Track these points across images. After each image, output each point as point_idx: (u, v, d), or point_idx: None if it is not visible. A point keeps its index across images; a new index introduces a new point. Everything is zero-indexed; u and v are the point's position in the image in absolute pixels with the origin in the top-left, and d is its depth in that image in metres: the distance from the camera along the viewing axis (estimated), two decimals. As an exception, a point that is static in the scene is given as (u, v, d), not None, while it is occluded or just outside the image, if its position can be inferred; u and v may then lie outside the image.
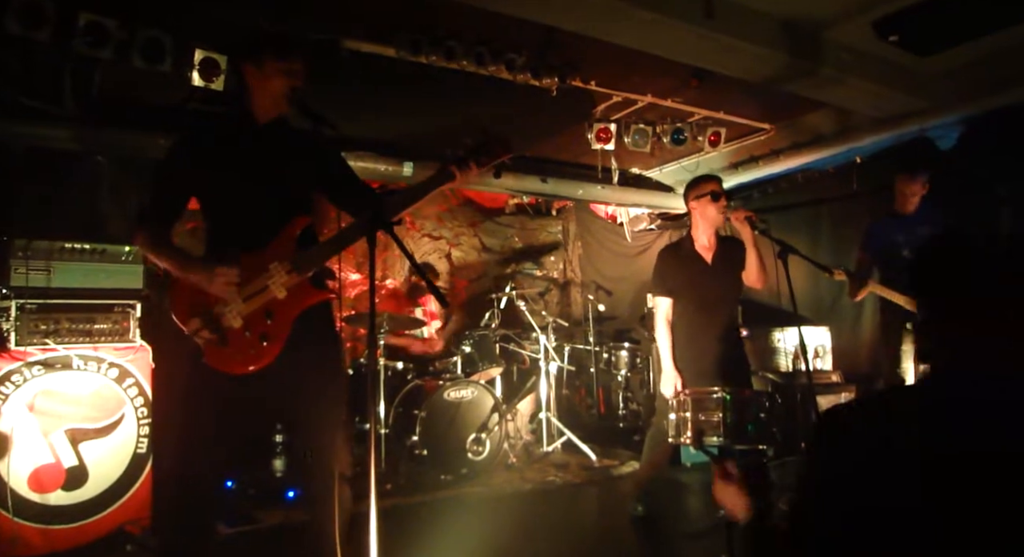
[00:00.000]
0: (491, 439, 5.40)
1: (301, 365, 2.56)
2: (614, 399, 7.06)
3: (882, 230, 4.86)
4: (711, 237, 4.09)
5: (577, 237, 8.94)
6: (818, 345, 6.46)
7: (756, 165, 6.68)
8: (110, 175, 5.02)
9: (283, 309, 2.50)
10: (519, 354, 6.84)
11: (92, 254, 3.99)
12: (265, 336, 2.49)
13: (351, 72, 4.32)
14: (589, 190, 6.91)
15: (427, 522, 4.36)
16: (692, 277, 4.03)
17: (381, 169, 5.77)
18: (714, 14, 4.03)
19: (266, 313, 2.50)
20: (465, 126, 5.66)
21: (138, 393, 3.97)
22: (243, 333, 2.48)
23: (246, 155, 2.59)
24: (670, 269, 4.09)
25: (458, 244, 8.03)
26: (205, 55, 4.06)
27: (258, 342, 2.48)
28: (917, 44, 4.76)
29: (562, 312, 8.41)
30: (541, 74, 4.60)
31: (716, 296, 4.01)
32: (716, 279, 4.03)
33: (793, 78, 4.81)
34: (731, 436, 3.08)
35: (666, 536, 4.14)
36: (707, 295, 4.00)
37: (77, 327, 3.87)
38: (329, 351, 2.73)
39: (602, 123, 5.59)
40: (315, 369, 2.62)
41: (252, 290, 2.48)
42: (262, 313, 2.49)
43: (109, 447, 3.86)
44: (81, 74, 4.37)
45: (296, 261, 2.51)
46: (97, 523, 3.76)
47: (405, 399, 5.37)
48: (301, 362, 2.55)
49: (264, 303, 2.49)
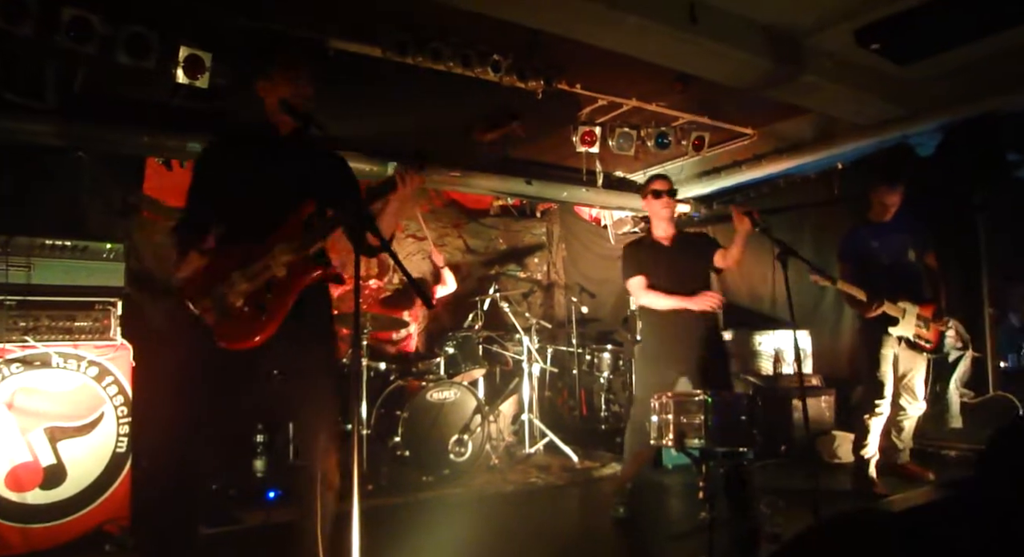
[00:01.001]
0: (473, 440, 5.40)
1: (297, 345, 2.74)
2: (596, 401, 7.08)
3: (859, 238, 4.91)
4: (667, 230, 4.31)
5: (561, 239, 8.97)
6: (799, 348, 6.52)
7: (739, 170, 6.73)
8: (92, 171, 4.98)
9: (283, 286, 2.70)
10: (502, 355, 6.84)
11: (73, 251, 3.94)
12: (265, 309, 2.67)
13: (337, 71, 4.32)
14: (573, 193, 6.93)
15: (409, 523, 4.36)
16: (655, 260, 4.25)
17: (365, 169, 5.75)
18: (698, 19, 4.06)
19: (267, 288, 2.69)
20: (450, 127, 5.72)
21: (118, 392, 3.94)
22: (244, 308, 2.66)
23: (268, 164, 2.82)
24: (636, 255, 4.34)
25: (442, 245, 8.03)
26: (190, 52, 4.03)
27: (259, 316, 2.66)
28: (898, 53, 4.82)
29: (545, 314, 8.42)
30: (527, 77, 4.62)
31: (679, 277, 4.18)
32: (678, 261, 4.22)
33: (776, 84, 4.85)
34: (713, 438, 3.10)
35: (647, 538, 4.16)
36: (671, 275, 4.19)
37: (57, 324, 3.83)
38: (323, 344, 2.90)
39: (587, 126, 5.62)
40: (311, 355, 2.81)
41: (255, 270, 2.68)
42: (263, 289, 2.68)
43: (88, 446, 3.81)
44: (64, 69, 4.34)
45: (302, 241, 2.71)
46: (76, 522, 3.72)
47: (387, 400, 5.36)
48: (298, 341, 2.73)
49: (265, 281, 2.68)
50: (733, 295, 7.72)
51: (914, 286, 4.77)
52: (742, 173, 6.74)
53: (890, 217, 4.84)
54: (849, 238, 4.98)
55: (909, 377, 4.83)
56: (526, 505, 4.97)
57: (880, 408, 4.73)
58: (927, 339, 4.71)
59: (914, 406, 4.89)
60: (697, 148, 5.95)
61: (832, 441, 5.74)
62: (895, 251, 4.79)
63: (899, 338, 4.68)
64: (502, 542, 4.01)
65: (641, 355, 4.47)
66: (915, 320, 4.66)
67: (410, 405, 5.14)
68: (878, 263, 4.77)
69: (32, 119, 4.47)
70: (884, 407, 4.75)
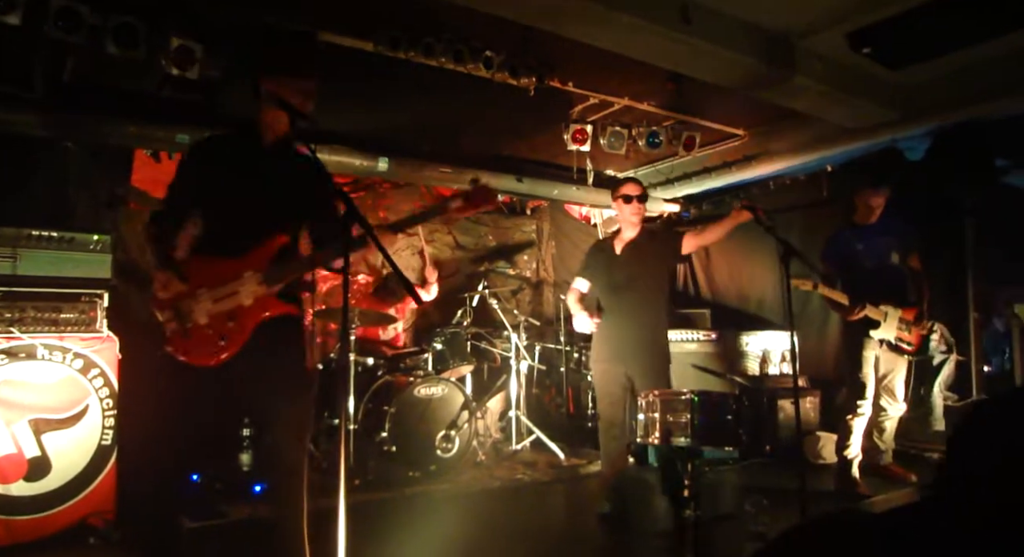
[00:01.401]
0: (460, 436, 5.40)
1: (260, 369, 2.72)
2: (583, 399, 7.09)
3: (843, 241, 4.93)
4: (631, 233, 4.50)
5: (551, 237, 8.97)
6: (785, 349, 6.56)
7: (729, 170, 6.75)
8: (80, 162, 4.95)
9: (247, 315, 2.68)
10: (490, 352, 6.85)
11: (60, 242, 3.92)
12: (224, 336, 2.66)
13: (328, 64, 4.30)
14: (564, 190, 6.94)
15: (395, 518, 4.36)
16: (602, 264, 4.54)
17: (356, 163, 5.74)
18: (691, 19, 4.07)
19: (230, 316, 2.67)
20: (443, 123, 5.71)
21: (103, 384, 3.92)
22: (206, 330, 2.65)
23: (247, 172, 2.79)
24: (589, 258, 4.70)
25: (432, 241, 8.01)
26: (181, 43, 4.00)
27: (217, 340, 2.65)
28: (889, 57, 4.85)
29: (534, 311, 8.42)
30: (519, 73, 4.62)
31: (622, 283, 4.40)
32: (622, 267, 4.43)
33: (767, 85, 4.86)
34: (699, 437, 3.12)
35: (633, 534, 4.17)
36: (613, 281, 4.44)
37: (43, 316, 3.81)
38: (289, 359, 2.84)
39: (579, 124, 5.62)
40: (274, 374, 2.76)
41: (223, 293, 2.67)
42: (227, 315, 2.67)
43: (73, 438, 3.80)
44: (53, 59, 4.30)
45: (267, 274, 2.69)
46: (60, 515, 3.70)
47: (375, 395, 5.36)
48: (260, 367, 2.71)
49: (231, 307, 2.67)
50: (721, 296, 7.75)
51: (897, 289, 4.80)
52: (732, 174, 6.76)
53: (875, 220, 4.87)
54: (833, 241, 5.00)
55: (890, 379, 4.86)
56: (512, 501, 4.99)
57: (862, 409, 4.77)
58: (908, 341, 4.74)
59: (894, 407, 4.93)
60: (688, 148, 5.96)
61: (817, 442, 5.78)
62: (879, 254, 4.81)
63: (880, 340, 4.71)
64: (488, 538, 4.02)
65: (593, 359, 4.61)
66: (897, 323, 4.70)
67: (397, 400, 5.14)
68: (861, 266, 4.80)
69: (19, 109, 4.44)
70: (866, 408, 4.78)
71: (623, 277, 4.40)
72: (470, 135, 6.28)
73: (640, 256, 4.42)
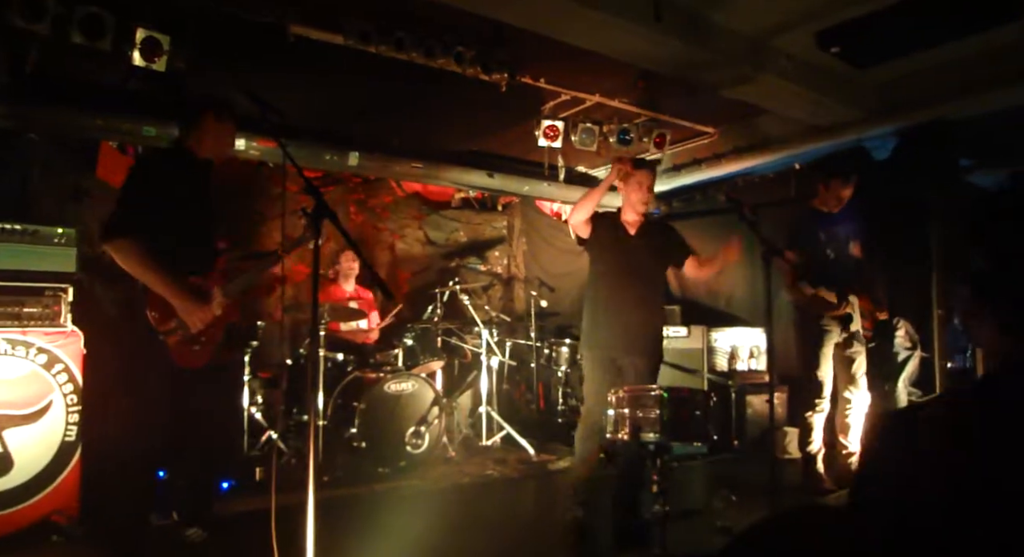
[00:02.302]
0: (430, 432, 5.39)
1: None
2: (553, 394, 7.12)
3: (806, 225, 4.95)
4: (633, 217, 4.22)
5: (522, 233, 8.98)
6: (753, 346, 6.63)
7: (699, 168, 6.81)
8: (44, 154, 4.86)
9: (218, 321, 3.38)
10: (461, 348, 6.85)
11: (23, 235, 3.83)
12: (210, 340, 3.35)
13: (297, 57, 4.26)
14: (535, 187, 6.95)
15: (364, 514, 4.34)
16: (615, 241, 4.18)
17: (326, 158, 5.70)
18: (663, 17, 4.09)
19: (212, 324, 3.33)
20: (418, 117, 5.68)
21: (67, 379, 3.85)
22: (199, 337, 3.29)
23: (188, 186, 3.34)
24: (600, 219, 4.22)
25: (402, 236, 7.98)
26: (147, 34, 3.94)
27: (207, 343, 3.34)
28: (857, 56, 4.92)
29: (505, 307, 8.43)
30: (491, 69, 4.61)
31: (634, 267, 4.13)
32: (634, 252, 4.15)
33: (736, 84, 4.91)
34: (668, 432, 3.14)
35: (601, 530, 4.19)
36: (621, 263, 4.13)
37: (5, 310, 3.72)
38: None
39: (550, 121, 5.63)
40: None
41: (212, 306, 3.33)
42: (211, 323, 3.32)
43: (35, 434, 3.73)
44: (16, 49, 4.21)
45: (226, 290, 3.38)
46: (22, 512, 3.64)
47: (345, 391, 5.32)
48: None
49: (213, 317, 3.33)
50: (691, 292, 7.81)
51: (856, 279, 4.89)
52: (702, 171, 6.82)
53: (838, 210, 4.92)
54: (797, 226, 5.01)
55: (855, 368, 4.92)
56: (482, 497, 4.99)
57: (820, 406, 4.84)
58: (868, 328, 4.85)
59: (857, 395, 4.94)
60: (659, 145, 5.99)
61: (783, 437, 5.85)
62: (839, 244, 4.88)
63: (848, 334, 4.78)
64: (457, 534, 4.01)
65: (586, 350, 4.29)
66: (859, 313, 4.79)
67: (367, 396, 5.12)
68: (823, 255, 4.85)
69: (-19, 100, 4.34)
70: (825, 405, 4.86)
71: (634, 261, 4.13)
72: (441, 130, 6.25)
73: (652, 244, 4.20)
